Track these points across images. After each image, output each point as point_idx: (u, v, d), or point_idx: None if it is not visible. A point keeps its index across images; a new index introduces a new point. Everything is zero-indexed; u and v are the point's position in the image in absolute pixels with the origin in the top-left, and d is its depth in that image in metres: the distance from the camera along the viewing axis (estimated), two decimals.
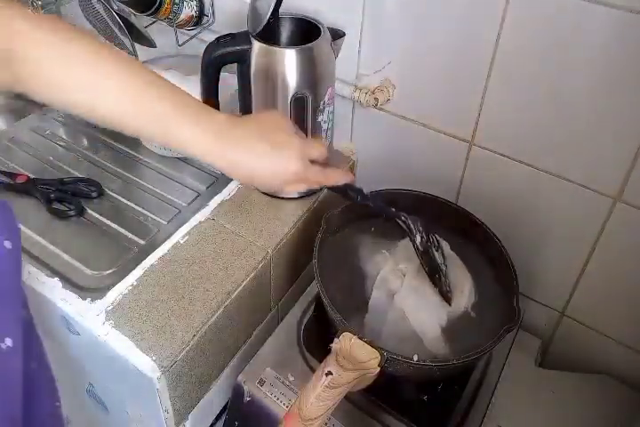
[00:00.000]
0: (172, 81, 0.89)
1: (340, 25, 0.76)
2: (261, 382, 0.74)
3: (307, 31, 0.75)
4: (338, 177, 0.64)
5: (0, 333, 0.45)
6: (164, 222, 0.83)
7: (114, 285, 0.72)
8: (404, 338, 0.69)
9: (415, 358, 0.63)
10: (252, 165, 0.57)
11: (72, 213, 0.83)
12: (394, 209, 0.72)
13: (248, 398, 0.75)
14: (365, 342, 0.61)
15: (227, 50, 0.72)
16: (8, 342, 0.45)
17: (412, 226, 0.72)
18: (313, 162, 0.60)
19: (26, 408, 0.50)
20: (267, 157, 0.57)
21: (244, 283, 0.74)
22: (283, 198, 0.85)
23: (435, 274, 0.73)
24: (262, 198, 0.86)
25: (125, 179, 0.90)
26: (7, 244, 0.50)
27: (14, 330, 0.47)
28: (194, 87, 0.88)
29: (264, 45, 0.71)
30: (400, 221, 0.72)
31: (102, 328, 0.67)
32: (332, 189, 0.66)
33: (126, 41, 0.93)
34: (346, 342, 0.61)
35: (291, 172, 0.57)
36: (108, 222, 0.83)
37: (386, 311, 0.71)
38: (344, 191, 0.67)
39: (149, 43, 0.95)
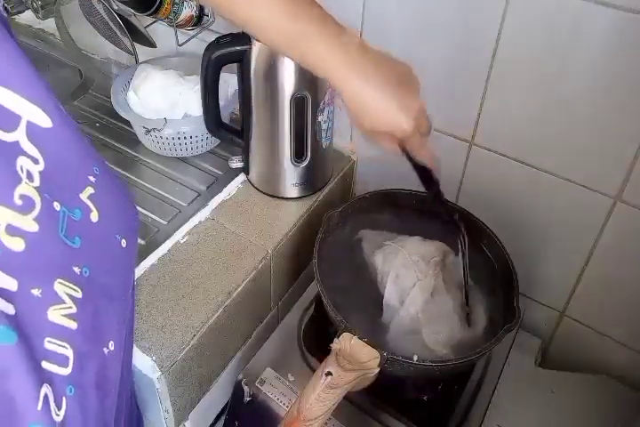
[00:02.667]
0: (171, 81, 0.90)
1: None
2: (261, 382, 0.74)
3: None
4: (432, 156, 0.62)
5: (106, 335, 0.44)
6: (164, 222, 0.83)
7: None
8: (408, 337, 0.69)
9: (415, 358, 0.63)
10: (381, 90, 0.53)
11: None
12: (456, 218, 0.71)
13: (248, 398, 0.75)
14: (365, 342, 0.61)
15: (227, 50, 0.72)
16: (111, 345, 0.45)
17: (464, 237, 0.71)
18: None
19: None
20: (394, 88, 0.54)
21: (244, 283, 0.74)
22: (283, 198, 0.85)
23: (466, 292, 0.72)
24: (262, 198, 0.86)
25: (125, 179, 0.90)
26: (123, 242, 0.49)
27: (118, 335, 0.47)
28: (194, 87, 0.89)
29: (264, 45, 0.71)
30: (459, 231, 0.71)
31: None
32: (415, 166, 0.63)
33: (126, 41, 0.93)
34: (346, 343, 0.61)
35: (415, 108, 0.55)
36: None
37: (397, 310, 0.71)
38: (423, 174, 0.64)
39: (149, 43, 0.95)
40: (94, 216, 0.45)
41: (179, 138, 0.89)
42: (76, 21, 1.02)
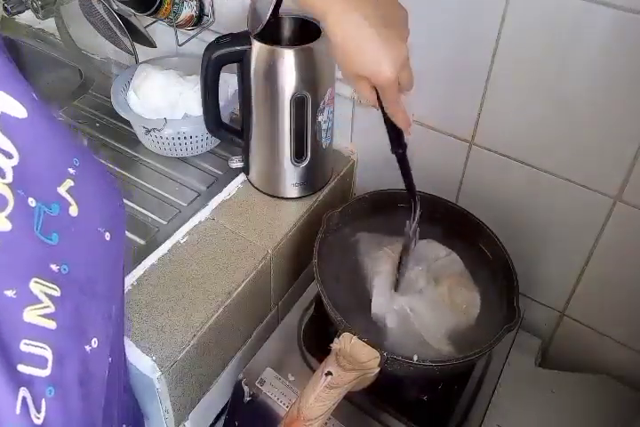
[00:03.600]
0: (171, 81, 0.90)
1: None
2: (261, 382, 0.74)
3: (307, 31, 0.75)
4: (405, 112, 0.58)
5: (89, 333, 0.43)
6: (164, 222, 0.83)
7: None
8: (406, 337, 0.69)
9: (415, 358, 0.63)
10: (372, 27, 0.51)
11: None
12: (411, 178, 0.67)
13: (248, 398, 0.75)
14: (365, 342, 0.61)
15: (227, 50, 0.72)
16: (94, 342, 0.44)
17: (417, 212, 0.69)
18: None
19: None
20: (386, 28, 0.52)
21: (244, 283, 0.74)
22: (283, 198, 0.85)
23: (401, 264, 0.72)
24: (262, 198, 0.86)
25: (125, 179, 0.90)
26: (107, 235, 0.47)
27: (102, 331, 0.45)
28: (194, 87, 0.89)
29: (264, 45, 0.71)
30: (412, 201, 0.69)
31: None
32: (386, 122, 0.60)
33: (126, 41, 0.93)
34: (346, 343, 0.61)
35: (402, 55, 0.52)
36: None
37: (390, 309, 0.71)
38: (392, 132, 0.61)
39: (149, 43, 0.95)
40: (73, 210, 0.43)
41: (179, 138, 0.89)
42: (76, 21, 1.02)
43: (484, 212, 0.77)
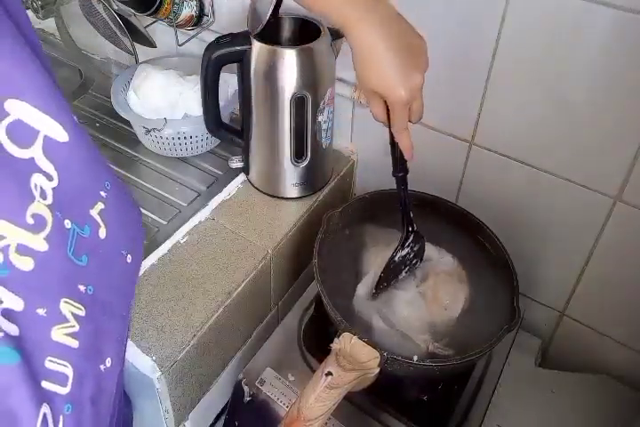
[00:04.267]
0: (171, 81, 0.90)
1: None
2: (261, 382, 0.74)
3: (307, 31, 0.75)
4: (410, 140, 0.61)
5: (104, 352, 0.44)
6: (164, 222, 0.83)
7: None
8: (399, 337, 0.69)
9: (415, 358, 0.63)
10: (394, 50, 0.53)
11: None
12: (411, 215, 0.70)
13: (248, 398, 0.75)
14: (365, 342, 0.61)
15: (227, 50, 0.72)
16: (108, 362, 0.44)
17: (409, 239, 0.71)
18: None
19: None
20: (405, 54, 0.53)
21: (244, 283, 0.74)
22: (283, 198, 0.85)
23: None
24: (262, 198, 0.86)
25: (125, 179, 0.90)
26: (129, 258, 0.49)
27: (116, 351, 0.46)
28: (194, 87, 0.89)
29: (264, 45, 0.71)
30: (405, 227, 0.70)
31: None
32: (392, 144, 0.62)
33: (126, 41, 0.93)
34: (346, 343, 0.61)
35: (416, 81, 0.54)
36: None
37: (375, 310, 0.71)
38: (395, 156, 0.63)
39: (149, 43, 0.95)
40: (102, 232, 0.44)
41: (179, 138, 0.89)
42: (76, 21, 1.02)
43: (484, 212, 0.77)
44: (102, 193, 0.45)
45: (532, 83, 0.70)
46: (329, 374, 0.60)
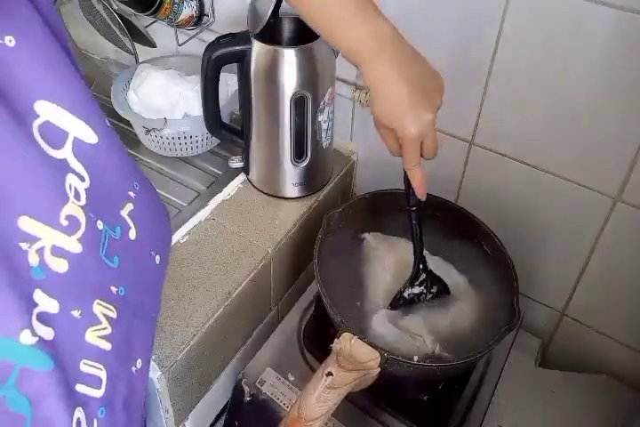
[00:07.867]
0: (171, 81, 0.90)
1: None
2: (261, 382, 0.74)
3: (307, 31, 0.74)
4: (422, 177, 0.61)
5: (135, 354, 0.44)
6: None
7: None
8: (403, 338, 0.69)
9: (415, 358, 0.63)
10: (408, 86, 0.53)
11: None
12: (421, 243, 0.69)
13: (248, 398, 0.75)
14: (365, 342, 0.61)
15: (227, 50, 0.72)
16: (139, 363, 0.45)
17: (419, 278, 0.70)
18: None
19: None
20: (419, 92, 0.54)
21: (244, 283, 0.74)
22: (283, 198, 0.85)
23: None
24: (262, 198, 0.86)
25: None
26: (157, 259, 0.49)
27: (146, 352, 0.47)
28: (194, 87, 0.89)
29: (264, 45, 0.71)
30: (416, 264, 0.69)
31: None
32: (405, 178, 0.63)
33: (126, 41, 0.93)
34: (346, 343, 0.61)
35: (427, 119, 0.55)
36: None
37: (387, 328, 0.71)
38: (408, 189, 0.64)
39: (149, 43, 0.95)
40: (132, 233, 0.44)
41: (179, 138, 0.89)
42: (76, 21, 1.02)
43: (484, 212, 0.77)
44: (131, 194, 0.45)
45: (532, 83, 0.70)
46: (329, 374, 0.60)
